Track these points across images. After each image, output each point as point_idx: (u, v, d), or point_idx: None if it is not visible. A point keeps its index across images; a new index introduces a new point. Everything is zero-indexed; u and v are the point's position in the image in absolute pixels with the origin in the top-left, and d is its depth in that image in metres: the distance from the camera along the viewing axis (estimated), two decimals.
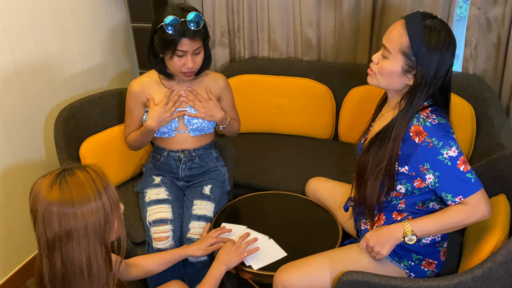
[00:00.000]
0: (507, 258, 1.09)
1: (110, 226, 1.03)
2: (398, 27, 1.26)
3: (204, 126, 1.79)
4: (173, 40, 1.57)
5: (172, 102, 1.74)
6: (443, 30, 1.23)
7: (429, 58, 1.22)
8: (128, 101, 1.81)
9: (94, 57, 2.39)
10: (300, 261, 1.41)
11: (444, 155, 1.23)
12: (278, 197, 1.87)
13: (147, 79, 1.79)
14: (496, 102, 2.07)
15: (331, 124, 2.42)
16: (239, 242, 1.51)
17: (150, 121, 1.71)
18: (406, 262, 1.40)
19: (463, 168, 1.23)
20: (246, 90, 2.46)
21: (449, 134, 1.26)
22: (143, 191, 1.83)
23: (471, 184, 1.22)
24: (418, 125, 1.27)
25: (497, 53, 2.14)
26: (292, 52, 2.56)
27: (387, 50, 1.27)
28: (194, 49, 1.61)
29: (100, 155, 1.95)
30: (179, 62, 1.62)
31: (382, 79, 1.31)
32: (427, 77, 1.23)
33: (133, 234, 1.79)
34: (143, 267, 1.45)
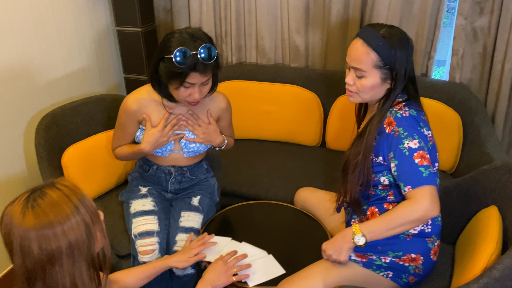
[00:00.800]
0: (503, 273, 1.08)
1: (93, 238, 0.98)
2: (360, 48, 1.34)
3: (200, 149, 1.73)
4: (181, 73, 1.44)
5: (171, 125, 1.64)
6: (396, 31, 1.34)
7: (398, 59, 1.32)
8: (122, 117, 1.68)
9: (77, 61, 2.32)
10: (300, 274, 1.39)
11: (404, 145, 1.30)
12: (267, 207, 1.84)
13: (145, 97, 1.65)
14: (482, 111, 2.09)
15: (318, 131, 2.40)
16: (231, 263, 1.42)
17: (145, 145, 1.62)
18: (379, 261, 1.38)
19: (418, 161, 1.28)
20: (234, 96, 2.41)
21: (417, 127, 1.31)
22: (128, 201, 1.77)
23: (421, 177, 1.26)
24: (390, 117, 1.36)
25: (483, 62, 2.16)
26: (280, 59, 2.53)
27: (360, 70, 1.35)
28: (203, 81, 1.50)
29: (83, 164, 1.89)
30: (185, 93, 1.51)
31: (365, 95, 1.39)
32: (400, 75, 1.34)
33: (118, 247, 1.73)
34: (124, 282, 1.38)
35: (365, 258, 1.40)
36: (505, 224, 1.35)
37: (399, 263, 1.39)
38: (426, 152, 1.29)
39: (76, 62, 2.31)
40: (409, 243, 1.39)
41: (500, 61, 2.07)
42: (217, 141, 1.71)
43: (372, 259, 1.40)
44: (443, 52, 3.10)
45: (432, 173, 1.28)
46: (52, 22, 2.11)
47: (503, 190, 1.41)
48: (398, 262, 1.39)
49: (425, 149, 1.29)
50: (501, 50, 2.05)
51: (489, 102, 2.19)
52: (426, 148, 1.29)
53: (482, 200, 1.49)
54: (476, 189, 1.53)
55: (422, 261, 1.39)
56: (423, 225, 1.39)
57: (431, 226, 1.40)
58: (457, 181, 1.60)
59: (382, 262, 1.39)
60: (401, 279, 1.40)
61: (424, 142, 1.30)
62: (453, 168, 2.13)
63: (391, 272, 1.39)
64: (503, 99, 2.11)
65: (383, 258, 1.39)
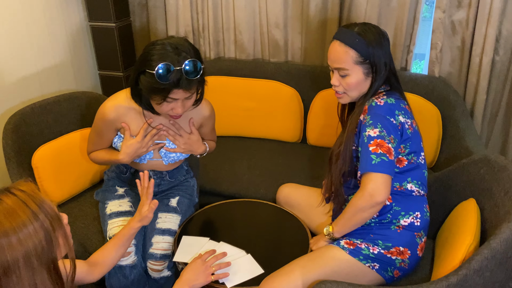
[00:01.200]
0: (481, 264, 1.07)
1: (55, 245, 0.93)
2: (338, 48, 1.41)
3: (180, 158, 1.67)
4: (164, 89, 1.34)
5: (150, 136, 1.56)
6: (370, 27, 1.41)
7: (376, 53, 1.38)
8: (99, 124, 1.58)
9: (50, 58, 2.24)
10: (283, 270, 1.36)
11: (366, 132, 1.35)
12: (247, 205, 1.80)
13: (123, 104, 1.54)
14: (461, 105, 2.09)
15: (299, 127, 2.38)
16: (210, 262, 1.38)
17: (123, 156, 1.55)
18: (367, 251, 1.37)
19: (372, 148, 1.32)
20: (212, 92, 2.37)
21: (386, 116, 1.33)
22: (104, 201, 1.71)
23: (368, 164, 1.30)
24: (366, 105, 1.40)
25: (461, 56, 2.16)
26: (259, 54, 2.50)
27: (342, 70, 1.41)
28: (187, 96, 1.41)
29: (55, 164, 1.82)
30: (167, 107, 1.41)
31: (353, 92, 1.44)
32: (381, 68, 1.40)
33: (92, 249, 1.67)
34: (104, 261, 1.35)
35: (353, 245, 1.39)
36: (483, 216, 1.35)
37: (386, 255, 1.38)
38: (386, 141, 1.31)
39: (48, 58, 2.23)
40: (399, 235, 1.39)
41: (478, 55, 2.07)
42: (199, 151, 1.66)
43: (360, 247, 1.38)
44: (423, 46, 3.10)
45: (386, 162, 1.29)
46: (21, 17, 2.03)
47: (481, 183, 1.40)
48: (386, 254, 1.38)
49: (386, 139, 1.32)
50: (479, 44, 2.05)
51: (467, 95, 2.19)
52: (388, 138, 1.32)
53: (461, 193, 1.49)
54: (455, 182, 1.52)
55: (409, 255, 1.39)
56: (412, 218, 1.40)
57: (420, 220, 1.41)
58: (437, 175, 1.60)
59: (370, 252, 1.37)
60: (387, 272, 1.39)
61: (388, 131, 1.33)
62: (433, 162, 2.13)
63: (377, 264, 1.38)
64: (481, 92, 2.12)
65: (372, 249, 1.38)
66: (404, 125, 1.37)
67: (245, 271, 1.44)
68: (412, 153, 1.40)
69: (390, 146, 1.32)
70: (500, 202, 1.25)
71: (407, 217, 1.40)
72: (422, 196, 1.45)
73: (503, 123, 2.21)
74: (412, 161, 1.40)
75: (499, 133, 2.24)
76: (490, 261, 1.07)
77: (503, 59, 2.08)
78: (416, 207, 1.41)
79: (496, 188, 1.30)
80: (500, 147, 2.26)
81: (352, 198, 1.37)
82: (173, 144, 1.62)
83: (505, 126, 2.21)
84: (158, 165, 1.69)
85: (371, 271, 1.37)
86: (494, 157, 1.38)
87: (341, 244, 1.40)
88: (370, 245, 1.38)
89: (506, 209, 1.18)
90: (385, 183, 1.29)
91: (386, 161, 1.30)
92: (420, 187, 1.43)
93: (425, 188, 1.46)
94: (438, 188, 1.59)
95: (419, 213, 1.41)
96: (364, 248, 1.38)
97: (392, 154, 1.31)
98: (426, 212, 1.43)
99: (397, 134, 1.34)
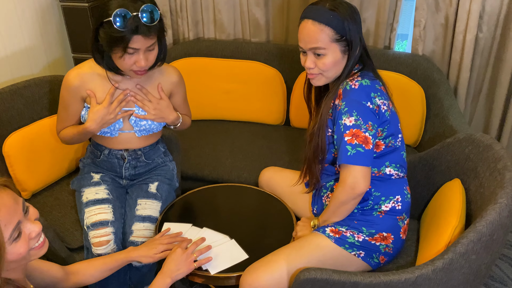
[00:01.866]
0: (467, 248, 1.05)
1: None
2: (312, 27, 1.30)
3: (152, 128, 1.61)
4: (123, 37, 1.33)
5: (117, 102, 1.52)
6: (341, 2, 1.32)
7: (352, 28, 1.30)
8: (64, 95, 1.56)
9: (20, 41, 2.13)
10: (266, 259, 1.33)
11: (342, 121, 1.29)
12: (230, 190, 1.76)
13: (87, 71, 1.53)
14: (445, 83, 2.07)
15: (282, 109, 2.33)
16: (190, 249, 1.35)
17: (90, 123, 1.50)
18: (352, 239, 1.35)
19: (347, 139, 1.28)
20: (192, 74, 2.31)
21: (362, 101, 1.28)
22: (80, 190, 1.65)
23: (344, 156, 1.27)
24: (341, 89, 1.34)
25: (445, 33, 2.13)
26: (239, 34, 2.43)
27: (318, 49, 1.31)
28: (148, 46, 1.39)
29: (28, 152, 1.74)
30: (130, 60, 1.40)
31: (330, 73, 1.35)
32: (356, 43, 1.32)
33: (69, 239, 1.62)
34: (84, 274, 1.30)
35: (338, 233, 1.36)
36: (468, 196, 1.33)
37: (371, 242, 1.36)
38: (363, 130, 1.27)
39: (18, 41, 2.12)
40: (381, 220, 1.37)
41: (461, 32, 2.04)
42: (171, 118, 1.60)
43: (345, 236, 1.36)
44: (406, 26, 3.07)
45: (361, 153, 1.26)
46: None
47: (466, 162, 1.38)
48: (371, 241, 1.36)
49: (362, 127, 1.27)
50: (462, 20, 2.02)
51: (451, 73, 2.17)
52: (365, 126, 1.27)
53: (445, 173, 1.47)
54: (439, 162, 1.50)
55: (392, 239, 1.37)
56: (393, 202, 1.38)
57: (401, 203, 1.39)
58: (421, 155, 1.57)
59: (355, 240, 1.35)
60: (372, 259, 1.37)
61: (364, 118, 1.27)
62: (417, 141, 2.12)
63: (363, 252, 1.35)
64: (465, 70, 2.10)
65: (357, 236, 1.35)
66: (381, 108, 1.32)
67: (229, 257, 1.41)
68: (390, 136, 1.36)
69: (367, 135, 1.27)
70: (485, 182, 1.23)
71: (388, 202, 1.37)
72: (402, 178, 1.43)
73: (486, 100, 2.21)
74: (390, 144, 1.37)
75: (482, 111, 2.24)
76: (476, 244, 1.05)
77: (486, 36, 2.06)
78: (396, 190, 1.39)
79: (481, 168, 1.28)
80: (483, 125, 2.26)
81: (334, 191, 1.34)
82: (143, 111, 1.57)
83: (488, 103, 2.20)
84: (131, 140, 1.63)
85: (356, 259, 1.35)
86: (479, 136, 1.36)
87: (326, 232, 1.37)
88: (355, 232, 1.36)
89: (492, 190, 1.17)
90: (364, 174, 1.27)
91: (361, 152, 1.26)
92: (399, 170, 1.41)
93: (404, 170, 1.43)
94: (422, 168, 1.57)
95: (400, 196, 1.38)
96: (349, 236, 1.36)
97: (370, 143, 1.27)
98: (407, 194, 1.41)
99: (375, 119, 1.30)
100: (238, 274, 1.35)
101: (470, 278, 1.12)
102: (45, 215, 1.70)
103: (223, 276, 1.35)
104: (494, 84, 2.14)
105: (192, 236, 1.49)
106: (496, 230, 1.05)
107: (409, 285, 1.07)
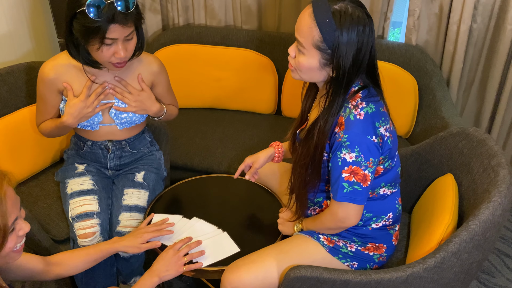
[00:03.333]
0: (459, 247, 1.05)
1: None
2: (306, 18, 1.13)
3: (134, 120, 1.56)
4: (99, 27, 1.27)
5: (95, 95, 1.46)
6: (356, 9, 1.11)
7: (343, 44, 1.10)
8: (40, 88, 1.50)
9: (2, 25, 2.05)
10: (250, 258, 1.30)
11: (341, 154, 1.18)
12: (221, 181, 1.73)
13: (63, 62, 1.47)
14: (438, 74, 2.06)
15: (273, 98, 2.29)
16: (182, 252, 1.31)
17: (67, 117, 1.44)
18: (345, 249, 1.32)
19: (345, 176, 1.18)
20: (182, 61, 2.26)
21: (367, 136, 1.16)
22: (64, 181, 1.60)
23: (340, 193, 1.19)
24: (343, 117, 1.18)
25: (439, 23, 2.10)
26: (231, 20, 2.37)
27: (300, 44, 1.16)
28: (126, 35, 1.34)
29: (11, 141, 1.69)
30: (108, 52, 1.34)
31: (303, 74, 1.21)
32: (346, 67, 1.12)
33: (54, 231, 1.58)
34: (67, 265, 1.27)
35: (332, 243, 1.33)
36: (460, 191, 1.32)
37: (364, 252, 1.32)
38: (363, 168, 1.17)
39: (1, 25, 2.04)
40: (372, 233, 1.32)
41: (456, 22, 2.02)
42: (153, 109, 1.55)
43: (338, 245, 1.32)
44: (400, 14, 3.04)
45: (358, 191, 1.18)
46: None
47: (459, 157, 1.37)
48: (363, 251, 1.32)
49: (362, 165, 1.16)
50: (457, 10, 1.99)
51: (444, 64, 2.15)
52: (365, 164, 1.17)
53: (438, 168, 1.46)
54: (432, 156, 1.49)
55: (385, 248, 1.34)
56: (384, 220, 1.32)
57: (392, 219, 1.34)
58: (413, 148, 1.56)
59: (348, 250, 1.32)
60: (366, 269, 1.33)
61: (366, 155, 1.16)
62: (409, 132, 2.11)
63: (356, 263, 1.33)
64: (458, 61, 2.08)
65: (349, 246, 1.32)
66: (384, 137, 1.20)
67: (221, 250, 1.39)
68: (390, 159, 1.28)
69: (367, 173, 1.17)
70: (478, 179, 1.22)
71: (379, 221, 1.32)
72: (394, 192, 1.36)
73: (478, 92, 2.20)
74: (388, 167, 1.29)
75: (474, 102, 2.23)
76: (468, 243, 1.04)
77: (480, 27, 2.04)
78: (388, 208, 1.33)
79: (475, 164, 1.27)
80: (475, 116, 2.25)
81: (323, 214, 1.28)
82: (123, 103, 1.52)
83: (480, 95, 2.19)
84: (114, 132, 1.59)
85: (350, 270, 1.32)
86: (473, 130, 1.34)
87: (321, 240, 1.33)
88: (347, 242, 1.32)
89: (485, 187, 1.16)
90: (357, 212, 1.21)
91: (358, 191, 1.18)
92: (393, 187, 1.34)
93: (397, 184, 1.37)
94: (414, 162, 1.56)
95: (391, 213, 1.33)
96: (342, 246, 1.32)
97: (368, 181, 1.18)
98: (398, 207, 1.36)
99: (377, 154, 1.19)
100: (223, 269, 1.33)
101: (461, 276, 1.11)
102: (30, 206, 1.66)
103: (211, 270, 1.33)
104: (486, 75, 2.13)
105: (182, 227, 1.47)
106: (489, 229, 1.04)
107: (400, 283, 1.07)
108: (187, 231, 1.46)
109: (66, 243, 1.59)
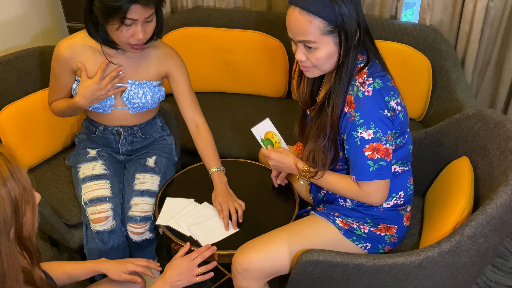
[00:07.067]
0: (475, 231, 1.03)
1: (20, 218, 0.86)
2: (300, 18, 1.12)
3: (146, 105, 1.55)
4: (120, 6, 1.26)
5: (110, 78, 1.45)
6: None
7: (346, 16, 1.11)
8: (54, 66, 1.50)
9: (11, 9, 2.04)
10: (261, 240, 1.30)
11: (358, 133, 1.17)
12: (231, 165, 1.72)
13: (79, 42, 1.46)
14: (453, 55, 2.01)
15: (284, 82, 2.26)
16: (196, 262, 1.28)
17: (79, 98, 1.43)
18: (359, 230, 1.32)
19: (368, 154, 1.17)
20: (190, 44, 2.23)
21: (379, 111, 1.15)
22: (76, 165, 1.61)
23: (366, 172, 1.18)
24: (351, 95, 1.18)
25: (454, 2, 2.04)
26: (240, 2, 2.33)
27: (308, 42, 1.14)
28: (146, 17, 1.33)
29: (22, 125, 1.70)
30: (127, 33, 1.33)
31: (324, 66, 1.19)
32: (352, 30, 1.13)
33: (67, 216, 1.59)
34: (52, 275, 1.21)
35: (347, 225, 1.32)
36: (476, 175, 1.30)
37: (376, 233, 1.31)
38: (383, 143, 1.16)
39: (9, 10, 2.03)
40: (382, 213, 1.31)
41: (472, 1, 1.95)
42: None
43: (353, 227, 1.31)
44: None
45: (384, 166, 1.17)
46: None
47: (475, 139, 1.34)
48: (376, 232, 1.31)
49: (382, 140, 1.16)
50: None
51: (459, 45, 2.09)
52: (385, 138, 1.16)
53: (453, 151, 1.43)
54: (447, 139, 1.46)
55: (396, 229, 1.33)
56: (396, 199, 1.32)
57: (404, 198, 1.33)
58: (428, 131, 1.53)
59: (362, 232, 1.31)
60: (378, 251, 1.33)
61: (384, 129, 1.15)
62: (422, 115, 2.07)
63: (369, 244, 1.32)
64: (474, 41, 2.02)
65: (363, 228, 1.31)
66: (396, 110, 1.20)
67: (221, 230, 1.41)
68: (401, 135, 1.27)
69: (388, 146, 1.17)
70: (495, 162, 1.19)
71: (390, 199, 1.31)
72: (406, 170, 1.35)
73: (493, 73, 2.14)
74: (399, 143, 1.28)
75: (489, 84, 2.17)
76: (484, 227, 1.02)
77: (497, 5, 1.97)
78: (399, 187, 1.32)
79: (491, 146, 1.24)
80: (490, 98, 2.20)
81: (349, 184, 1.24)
82: (136, 87, 1.51)
83: (495, 76, 2.14)
84: (126, 117, 1.58)
85: (363, 251, 1.32)
86: (490, 112, 1.31)
87: (336, 223, 1.32)
88: (361, 223, 1.31)
89: (502, 170, 1.13)
90: (386, 187, 1.20)
91: (384, 166, 1.17)
92: (405, 165, 1.33)
93: (409, 162, 1.35)
94: (429, 144, 1.53)
95: (402, 192, 1.32)
96: (356, 228, 1.31)
97: (390, 154, 1.18)
98: (410, 186, 1.35)
99: (393, 126, 1.19)
100: (233, 253, 1.33)
101: (477, 260, 1.10)
102: (42, 190, 1.67)
103: (222, 254, 1.34)
104: (503, 56, 2.07)
105: (189, 211, 1.47)
106: (506, 213, 1.02)
107: (414, 267, 1.05)
108: (196, 214, 1.47)
109: (79, 227, 1.60)
